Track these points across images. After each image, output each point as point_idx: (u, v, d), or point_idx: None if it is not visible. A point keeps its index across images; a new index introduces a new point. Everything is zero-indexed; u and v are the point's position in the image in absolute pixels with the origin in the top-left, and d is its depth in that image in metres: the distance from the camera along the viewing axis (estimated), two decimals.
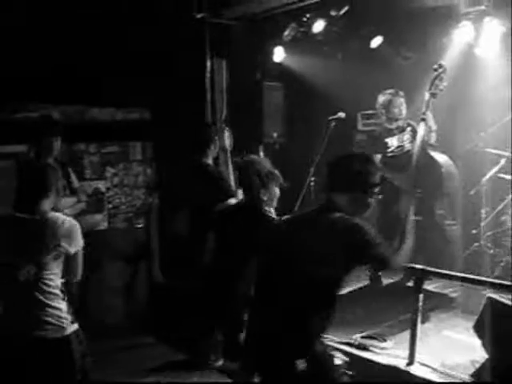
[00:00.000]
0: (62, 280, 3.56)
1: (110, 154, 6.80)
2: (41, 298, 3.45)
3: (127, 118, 6.78)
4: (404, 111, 6.06)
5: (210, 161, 5.80)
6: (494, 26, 6.72)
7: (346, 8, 6.69)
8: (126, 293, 6.63)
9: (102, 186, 6.71)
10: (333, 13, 6.76)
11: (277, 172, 4.43)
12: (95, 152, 6.70)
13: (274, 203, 4.48)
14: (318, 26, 7.10)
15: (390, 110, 6.02)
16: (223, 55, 7.24)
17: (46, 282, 3.45)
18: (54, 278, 3.50)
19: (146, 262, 6.79)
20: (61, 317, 3.50)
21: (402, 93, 6.09)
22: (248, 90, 7.12)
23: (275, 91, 7.14)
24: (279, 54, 7.43)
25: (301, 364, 2.95)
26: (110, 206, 6.76)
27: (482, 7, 6.76)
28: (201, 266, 4.69)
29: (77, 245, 3.55)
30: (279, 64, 7.56)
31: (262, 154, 6.40)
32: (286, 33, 7.07)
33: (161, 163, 6.95)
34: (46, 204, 3.53)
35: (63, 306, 3.53)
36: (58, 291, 3.52)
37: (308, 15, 7.10)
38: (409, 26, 7.18)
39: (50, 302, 3.47)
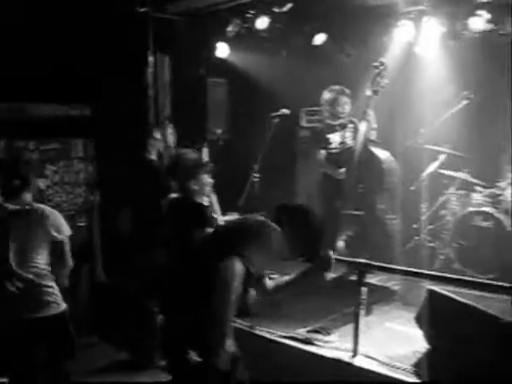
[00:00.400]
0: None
1: (50, 151, 6.64)
2: (36, 279, 3.87)
3: (68, 115, 6.63)
4: (348, 109, 6.12)
5: (153, 157, 5.73)
6: (433, 26, 6.89)
7: (289, 5, 6.71)
8: (69, 292, 6.47)
9: (41, 183, 6.53)
10: (276, 9, 6.78)
11: (206, 161, 4.52)
12: (34, 149, 6.53)
13: (206, 191, 4.58)
14: (262, 22, 7.11)
15: (335, 108, 6.07)
16: (166, 51, 7.16)
17: (38, 265, 3.89)
18: (45, 262, 3.93)
19: (89, 260, 6.64)
20: (55, 294, 3.99)
21: (347, 90, 6.14)
22: (192, 86, 7.07)
23: (219, 87, 7.12)
24: (223, 50, 7.41)
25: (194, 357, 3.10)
26: (51, 204, 6.59)
27: (422, 7, 6.92)
28: (143, 264, 4.65)
29: (64, 232, 4.01)
30: (223, 60, 7.53)
31: (206, 150, 6.36)
32: (230, 29, 7.05)
33: (102, 160, 6.82)
34: (28, 196, 3.98)
35: (55, 285, 4.00)
36: (48, 273, 3.95)
37: (252, 11, 7.10)
38: (351, 23, 7.28)
39: (44, 283, 3.92)
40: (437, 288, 4.18)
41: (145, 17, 6.82)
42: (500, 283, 4.49)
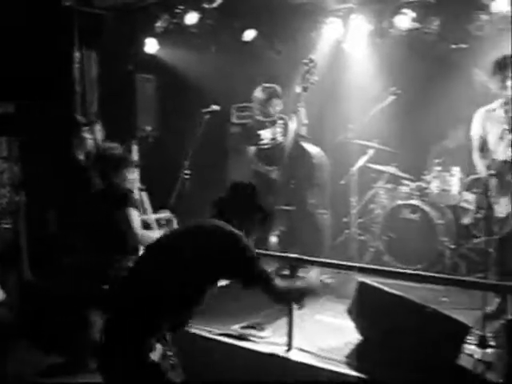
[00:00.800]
0: None
1: None
2: None
3: None
4: (279, 110, 6.13)
5: (81, 155, 5.58)
6: (360, 23, 7.03)
7: (218, 1, 6.68)
8: None
9: None
10: (205, 5, 6.75)
11: (131, 157, 4.48)
12: None
13: (129, 185, 4.54)
14: (191, 17, 7.07)
15: (266, 108, 6.07)
16: (93, 46, 6.98)
17: None
18: None
19: (15, 262, 6.42)
20: None
21: (279, 90, 6.14)
22: (120, 82, 6.93)
23: (148, 83, 7.00)
24: (152, 46, 7.30)
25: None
26: None
27: (350, 5, 7.05)
28: (70, 264, 4.55)
29: None
30: (152, 56, 7.43)
31: (135, 147, 6.25)
32: (159, 24, 6.97)
33: (27, 160, 6.59)
34: None
35: None
36: None
37: (181, 7, 7.03)
38: (280, 20, 7.34)
39: None
40: (367, 280, 4.27)
41: (70, 11, 6.62)
42: (427, 273, 4.64)
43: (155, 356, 2.98)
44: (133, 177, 4.78)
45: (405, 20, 6.79)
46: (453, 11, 6.69)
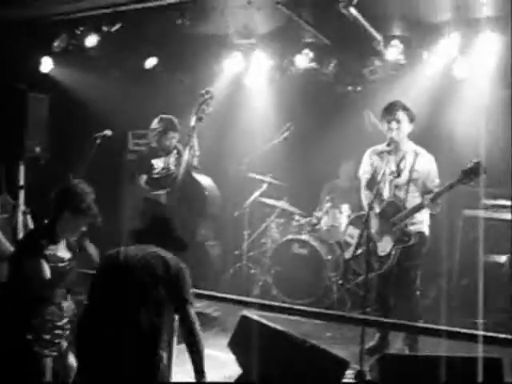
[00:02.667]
0: None
1: None
2: None
3: None
4: (174, 143, 6.07)
5: None
6: (262, 59, 7.19)
7: (118, 25, 6.60)
8: None
9: None
10: (105, 28, 6.64)
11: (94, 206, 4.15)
12: None
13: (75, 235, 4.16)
14: (91, 39, 6.94)
15: (162, 141, 5.99)
16: None
17: None
18: None
19: None
20: None
21: (177, 124, 6.07)
22: (9, 100, 6.62)
23: (40, 103, 6.73)
24: (47, 65, 7.08)
25: None
26: None
27: (252, 41, 7.19)
28: None
29: None
30: (47, 75, 7.20)
31: (22, 168, 5.98)
32: (56, 43, 6.78)
33: None
34: None
35: None
36: None
37: (81, 28, 6.89)
38: (184, 50, 7.37)
39: None
40: (249, 313, 4.26)
41: None
42: (308, 308, 4.70)
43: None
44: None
45: (304, 60, 7.02)
46: (348, 55, 7.01)
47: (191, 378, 4.16)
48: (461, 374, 3.42)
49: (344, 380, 3.97)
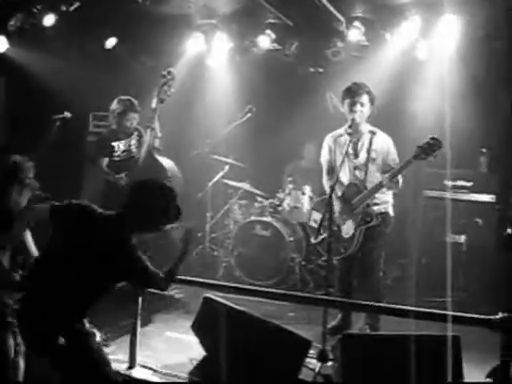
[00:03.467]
0: None
1: None
2: None
3: None
4: (135, 124, 5.97)
5: None
6: (223, 40, 7.13)
7: (76, 4, 6.45)
8: None
9: None
10: (63, 7, 6.48)
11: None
12: None
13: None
14: (49, 19, 6.75)
15: (122, 122, 5.87)
16: None
17: None
18: None
19: None
20: None
21: (137, 105, 5.93)
22: None
23: None
24: (2, 45, 6.87)
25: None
26: None
27: (214, 21, 7.12)
28: None
29: None
30: (2, 55, 6.99)
31: None
32: (12, 22, 6.57)
33: None
34: None
35: None
36: None
37: (38, 6, 6.70)
38: (145, 30, 7.24)
39: None
40: (212, 295, 4.27)
41: None
42: (273, 290, 4.73)
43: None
44: None
45: (266, 41, 6.98)
46: (311, 36, 6.99)
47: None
48: (421, 351, 3.49)
49: (307, 359, 4.06)
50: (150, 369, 4.26)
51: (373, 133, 4.98)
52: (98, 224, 3.42)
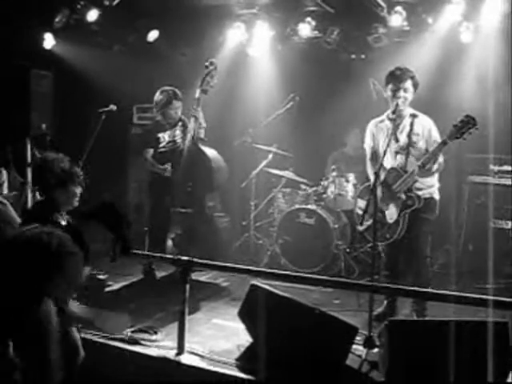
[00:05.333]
0: None
1: None
2: None
3: None
4: (180, 113, 6.06)
5: None
6: (264, 30, 7.14)
7: None
8: None
9: None
10: (106, 2, 6.60)
11: (76, 169, 4.09)
12: None
13: (74, 203, 4.11)
14: (92, 14, 6.91)
15: (166, 111, 5.96)
16: None
17: None
18: None
19: None
20: None
21: (180, 94, 6.03)
22: (13, 77, 6.61)
23: (44, 80, 6.73)
24: (49, 41, 7.06)
25: None
26: None
27: (254, 10, 7.14)
28: None
29: None
30: (49, 51, 7.18)
31: (29, 146, 6.01)
32: (58, 19, 6.74)
33: None
34: None
35: None
36: None
37: (82, 2, 6.85)
38: (186, 22, 7.33)
39: None
40: (258, 283, 4.31)
41: None
42: (317, 276, 4.75)
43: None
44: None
45: (307, 28, 6.96)
46: (352, 23, 6.94)
47: None
48: (468, 337, 3.47)
49: (353, 346, 4.07)
50: (198, 355, 4.32)
51: (414, 116, 4.92)
52: None
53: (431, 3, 6.42)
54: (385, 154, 4.73)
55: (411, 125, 4.90)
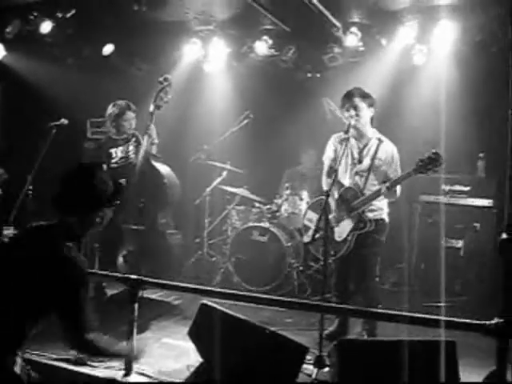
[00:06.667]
0: None
1: None
2: None
3: None
4: (134, 125, 5.97)
5: None
6: (220, 46, 7.16)
7: (72, 11, 6.47)
8: None
9: None
10: (59, 14, 6.50)
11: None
12: None
13: None
14: (46, 26, 6.80)
15: (120, 123, 5.86)
16: None
17: None
18: None
19: None
20: None
21: (133, 106, 5.98)
22: None
23: None
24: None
25: None
26: None
27: (211, 27, 7.15)
28: None
29: None
30: None
31: None
32: (9, 29, 6.60)
33: None
34: None
35: None
36: None
37: (35, 13, 6.73)
38: (142, 36, 7.28)
39: None
40: (208, 302, 4.25)
41: None
42: (269, 296, 4.71)
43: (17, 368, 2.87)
44: None
45: (263, 46, 7.01)
46: (308, 42, 7.02)
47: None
48: (418, 357, 3.48)
49: (304, 365, 4.04)
50: (147, 375, 4.23)
51: (380, 140, 4.97)
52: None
53: (385, 25, 6.55)
54: (343, 171, 4.77)
55: (376, 149, 4.94)
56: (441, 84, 6.19)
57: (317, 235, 4.51)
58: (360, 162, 4.98)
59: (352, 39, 6.59)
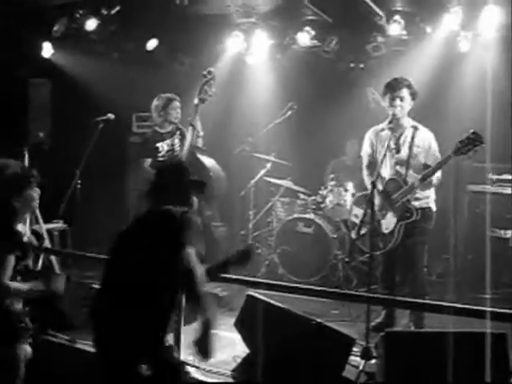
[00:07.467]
0: None
1: None
2: None
3: None
4: (180, 114, 6.05)
5: None
6: (263, 38, 7.16)
7: (117, 8, 6.57)
8: None
9: None
10: (104, 11, 6.61)
11: (34, 173, 4.02)
12: None
13: (33, 206, 4.08)
14: (91, 23, 6.92)
15: (168, 112, 5.92)
16: None
17: None
18: None
19: None
20: None
21: (178, 97, 6.07)
22: (11, 87, 6.63)
23: (42, 88, 6.73)
24: (47, 50, 7.06)
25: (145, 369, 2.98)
26: None
27: (253, 19, 7.15)
28: None
29: None
30: (48, 60, 7.18)
31: (26, 155, 5.98)
32: (56, 28, 6.74)
33: None
34: None
35: None
36: None
37: (80, 11, 6.86)
38: (185, 31, 7.33)
39: None
40: (255, 293, 4.28)
41: None
42: (314, 287, 4.72)
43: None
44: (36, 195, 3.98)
45: (305, 37, 6.97)
46: (350, 32, 6.95)
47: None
48: (465, 349, 3.44)
49: (350, 357, 4.04)
50: (193, 366, 4.29)
51: (415, 128, 4.92)
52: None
53: (429, 12, 6.43)
54: (383, 163, 4.73)
55: (412, 137, 4.89)
56: (487, 71, 6.05)
57: (362, 230, 4.51)
58: (398, 151, 4.94)
59: (395, 28, 6.49)
